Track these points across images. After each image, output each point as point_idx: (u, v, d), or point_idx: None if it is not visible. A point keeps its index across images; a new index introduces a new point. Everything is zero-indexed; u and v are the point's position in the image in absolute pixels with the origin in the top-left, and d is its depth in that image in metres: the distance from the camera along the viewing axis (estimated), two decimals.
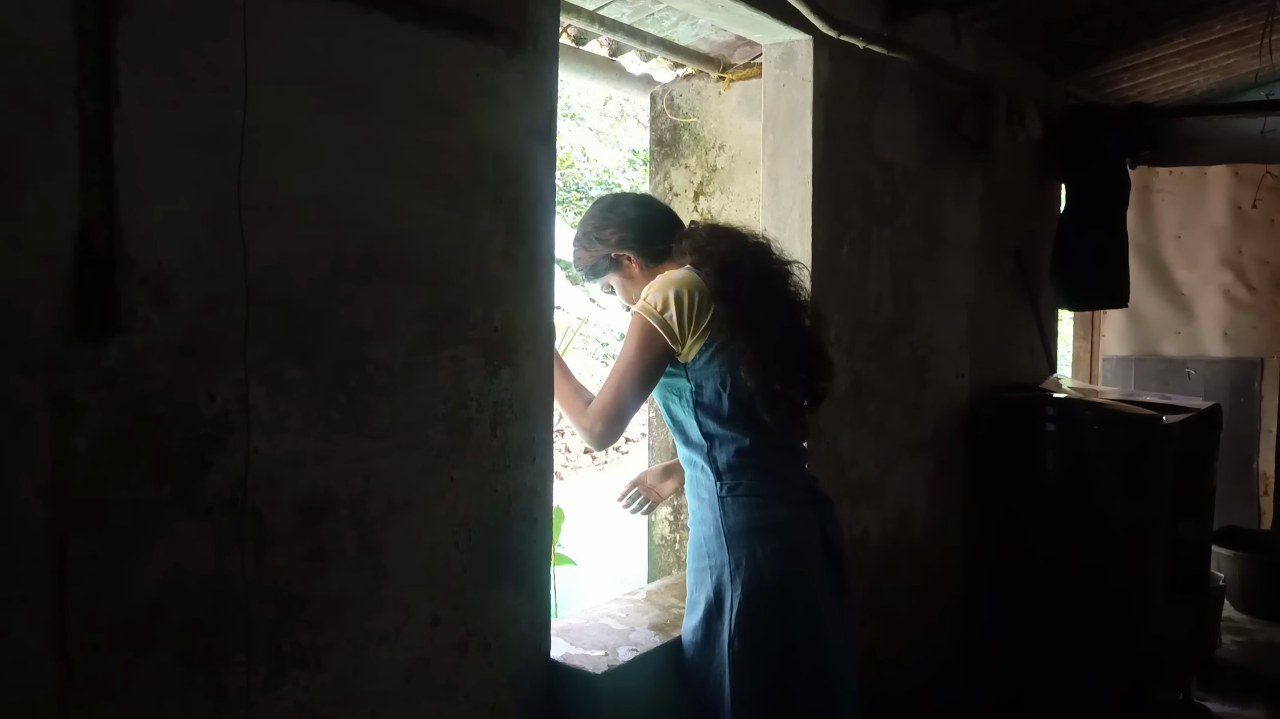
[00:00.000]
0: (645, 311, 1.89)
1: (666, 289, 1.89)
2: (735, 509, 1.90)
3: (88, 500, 1.17)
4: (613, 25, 2.46)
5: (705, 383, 1.91)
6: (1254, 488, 4.97)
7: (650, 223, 2.06)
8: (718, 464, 1.92)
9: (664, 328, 1.87)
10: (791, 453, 2.01)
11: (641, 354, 1.89)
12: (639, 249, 2.05)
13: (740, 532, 1.89)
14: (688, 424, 1.96)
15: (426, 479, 1.59)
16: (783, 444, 1.97)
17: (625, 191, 2.15)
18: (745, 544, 1.88)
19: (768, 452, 1.93)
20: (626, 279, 2.09)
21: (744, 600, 1.86)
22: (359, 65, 1.45)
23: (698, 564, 1.95)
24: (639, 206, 2.11)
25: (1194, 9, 3.49)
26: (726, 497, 1.91)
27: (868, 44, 2.57)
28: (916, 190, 3.07)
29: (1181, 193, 5.06)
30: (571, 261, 2.18)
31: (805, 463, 2.08)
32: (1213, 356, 5.01)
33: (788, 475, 1.98)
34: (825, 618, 1.93)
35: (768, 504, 1.91)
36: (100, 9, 1.15)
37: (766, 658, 1.86)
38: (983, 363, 3.60)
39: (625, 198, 2.17)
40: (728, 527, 1.90)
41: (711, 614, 1.90)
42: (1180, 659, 3.55)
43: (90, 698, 1.19)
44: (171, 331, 1.24)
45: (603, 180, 10.59)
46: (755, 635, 1.86)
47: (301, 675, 1.41)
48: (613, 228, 2.06)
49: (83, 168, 1.15)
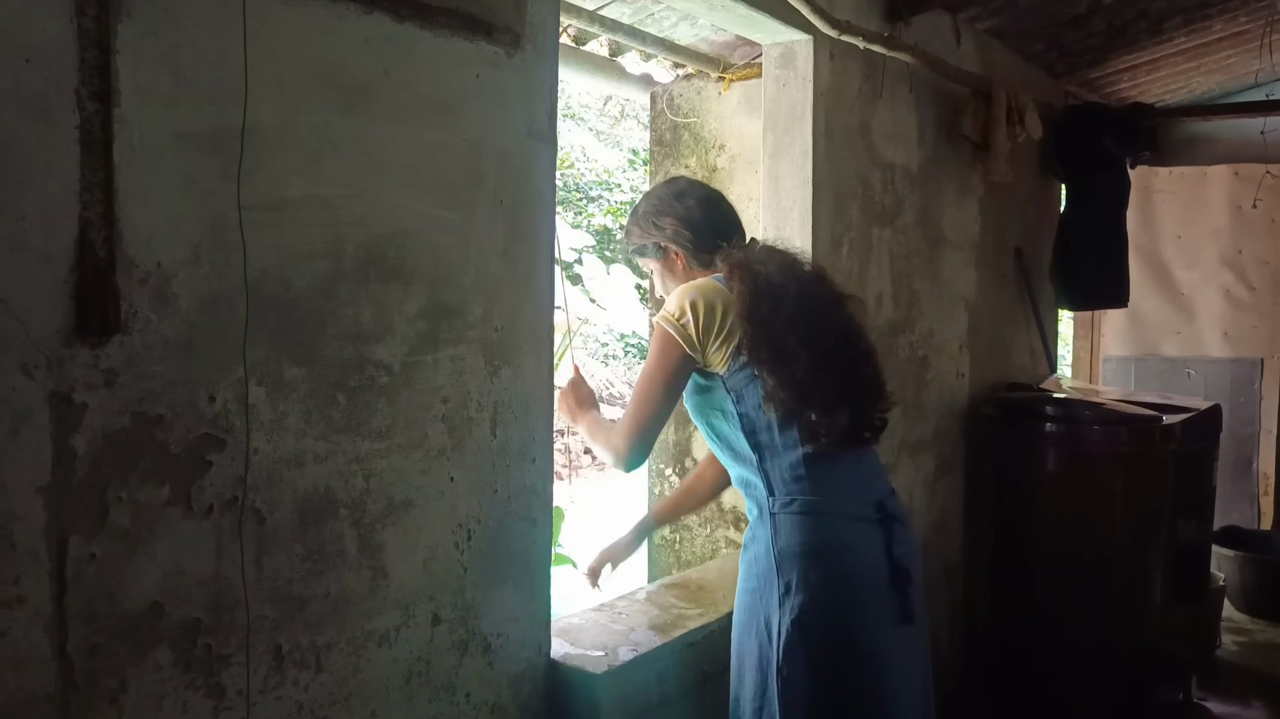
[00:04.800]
0: (664, 320, 1.82)
1: (684, 297, 1.82)
2: (788, 527, 1.78)
3: (88, 500, 1.17)
4: (613, 25, 2.46)
5: (745, 392, 1.80)
6: (1254, 488, 4.96)
7: (712, 227, 1.96)
8: (770, 478, 1.81)
9: (681, 335, 1.80)
10: (857, 465, 1.86)
11: (660, 363, 1.82)
12: (690, 248, 1.96)
13: (792, 553, 1.76)
14: (734, 439, 1.85)
15: (426, 479, 1.59)
16: (846, 456, 1.83)
17: (699, 184, 2.09)
18: (797, 566, 1.75)
19: (828, 463, 1.79)
20: (667, 272, 2.01)
21: (793, 629, 1.73)
22: (359, 65, 1.45)
23: (748, 585, 1.83)
24: (705, 206, 1.99)
25: (1194, 9, 3.49)
26: (780, 513, 1.79)
27: (868, 44, 2.57)
28: (917, 190, 3.07)
29: (1181, 193, 5.06)
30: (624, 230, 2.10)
31: (877, 475, 1.92)
32: (1213, 357, 5.01)
33: (854, 490, 1.83)
34: (887, 651, 1.78)
35: (825, 522, 1.78)
36: (100, 9, 1.15)
37: (819, 693, 1.74)
38: (983, 363, 3.60)
39: (696, 191, 2.04)
40: (779, 547, 1.77)
41: (764, 642, 1.78)
42: (1180, 659, 3.55)
43: (90, 698, 1.19)
44: (171, 332, 1.24)
45: (603, 180, 10.58)
46: (807, 665, 1.73)
47: (301, 675, 1.41)
48: (672, 219, 1.97)
49: (83, 168, 1.15)
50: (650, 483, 3.04)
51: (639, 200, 2.07)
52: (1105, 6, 3.32)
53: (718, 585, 2.34)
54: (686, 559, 2.94)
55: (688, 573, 2.54)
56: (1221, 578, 4.15)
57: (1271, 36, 3.61)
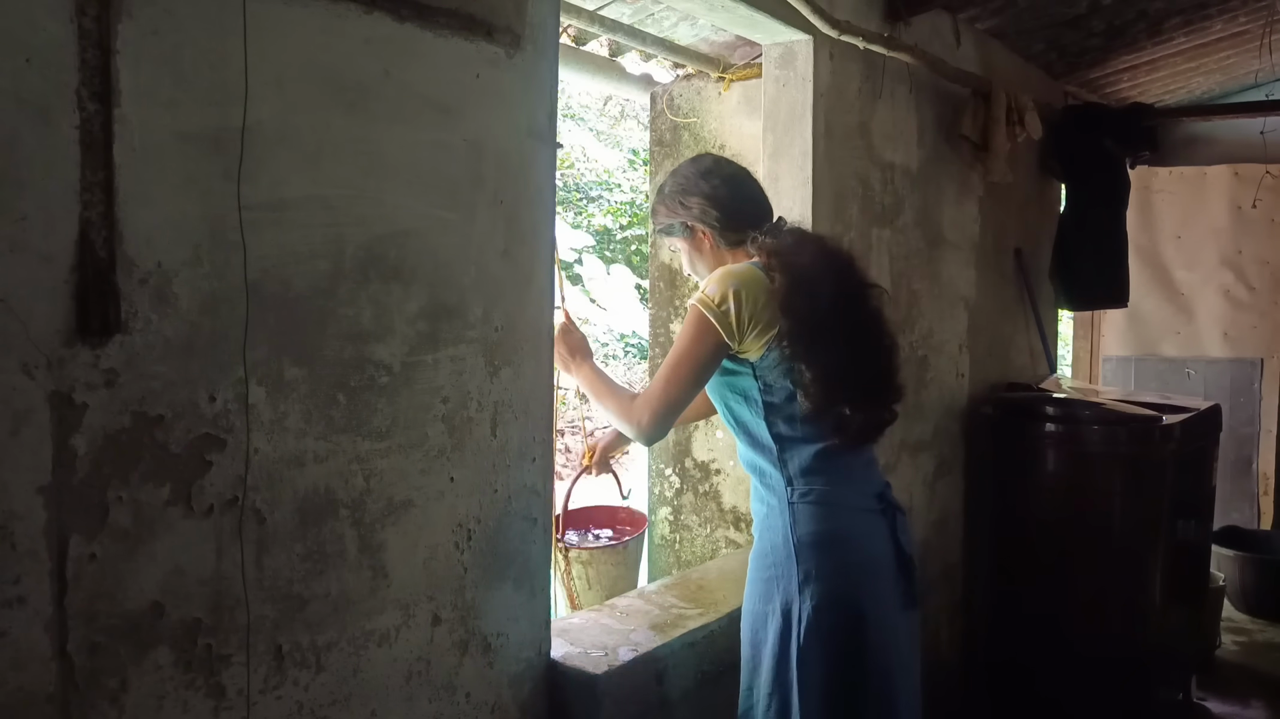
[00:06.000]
0: (703, 304, 1.79)
1: (726, 284, 1.78)
2: (806, 517, 1.81)
3: (88, 500, 1.17)
4: (613, 25, 2.46)
5: (776, 382, 1.80)
6: (1254, 488, 4.96)
7: (739, 208, 1.92)
8: (789, 469, 1.83)
9: (721, 323, 1.77)
10: (860, 457, 1.90)
11: (695, 347, 1.80)
12: (717, 228, 1.92)
13: (811, 542, 1.80)
14: (755, 426, 1.86)
15: (426, 479, 1.59)
16: (858, 449, 1.87)
17: (726, 161, 2.03)
18: (814, 555, 1.79)
19: (844, 456, 1.84)
20: (695, 251, 1.97)
21: (814, 614, 1.77)
22: (359, 65, 1.45)
23: (763, 574, 1.85)
24: (732, 185, 1.94)
25: (1194, 9, 3.49)
26: (798, 503, 1.81)
27: (868, 44, 2.57)
28: (916, 190, 3.07)
29: (1181, 193, 5.06)
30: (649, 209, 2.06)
31: (875, 467, 1.96)
32: (1213, 357, 5.01)
33: (861, 483, 1.88)
34: (896, 636, 1.84)
35: (840, 513, 1.82)
36: (100, 9, 1.15)
37: (834, 676, 1.78)
38: (982, 363, 3.60)
39: (723, 169, 1.98)
40: (798, 536, 1.80)
41: (782, 629, 1.80)
42: (1180, 659, 3.55)
43: (90, 698, 1.19)
44: (171, 332, 1.24)
45: (603, 180, 10.58)
46: (824, 650, 1.77)
47: (301, 675, 1.42)
48: (698, 198, 1.92)
49: (83, 168, 1.15)
50: (650, 483, 3.04)
51: (665, 178, 2.03)
52: (1105, 6, 3.32)
53: (718, 585, 2.34)
54: (686, 559, 2.94)
55: (688, 573, 2.54)
56: (1221, 578, 4.15)
57: (1271, 37, 3.61)
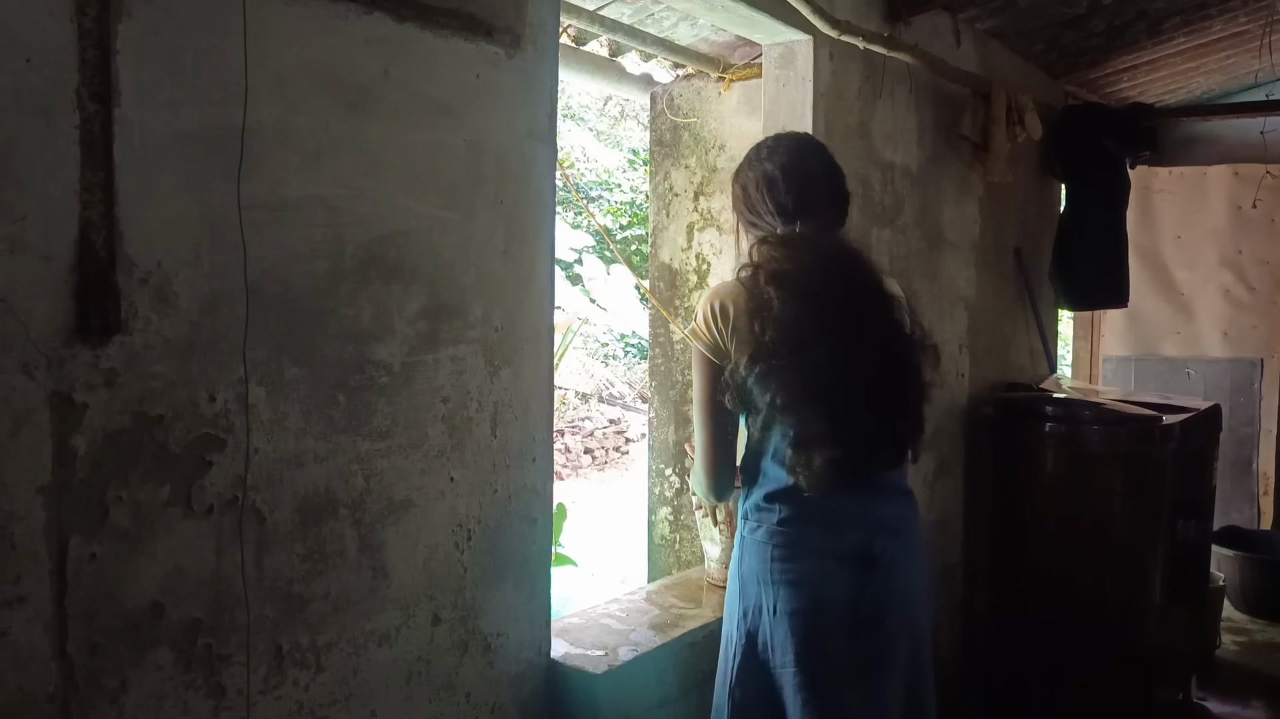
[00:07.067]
0: (693, 335, 1.73)
1: (704, 305, 1.72)
2: (751, 553, 1.72)
3: (88, 500, 1.17)
4: (613, 25, 2.46)
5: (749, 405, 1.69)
6: (1254, 488, 4.96)
7: (771, 199, 1.75)
8: (750, 496, 1.75)
9: (709, 348, 1.71)
10: (849, 499, 1.69)
11: (701, 383, 1.73)
12: (746, 214, 1.81)
13: (751, 578, 1.72)
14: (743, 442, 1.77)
15: (426, 479, 1.59)
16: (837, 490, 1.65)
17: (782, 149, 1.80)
18: (753, 594, 1.71)
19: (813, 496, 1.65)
20: (736, 234, 1.87)
21: (744, 656, 1.72)
22: (359, 65, 1.45)
23: (728, 596, 1.80)
24: (765, 182, 1.76)
25: (1194, 9, 3.49)
26: (747, 536, 1.74)
27: (868, 44, 2.57)
28: (916, 191, 3.07)
29: (1181, 193, 5.06)
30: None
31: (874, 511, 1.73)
32: (1213, 357, 5.01)
33: (833, 524, 1.68)
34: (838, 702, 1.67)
35: (788, 555, 1.68)
36: (100, 9, 1.15)
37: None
38: (983, 363, 3.60)
39: (783, 145, 1.81)
40: (741, 571, 1.74)
41: (726, 655, 1.78)
42: (1180, 659, 3.55)
43: (91, 698, 1.19)
44: (171, 332, 1.24)
45: (603, 180, 10.58)
46: (752, 695, 1.71)
47: (301, 675, 1.42)
48: (739, 184, 1.81)
49: (83, 168, 1.15)
50: (650, 483, 3.04)
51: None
52: (1105, 7, 3.32)
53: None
54: (686, 559, 2.94)
55: (688, 573, 2.54)
56: (1221, 578, 4.15)
57: (1271, 37, 3.61)
